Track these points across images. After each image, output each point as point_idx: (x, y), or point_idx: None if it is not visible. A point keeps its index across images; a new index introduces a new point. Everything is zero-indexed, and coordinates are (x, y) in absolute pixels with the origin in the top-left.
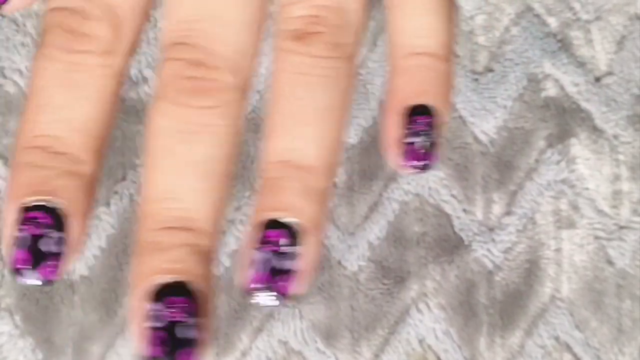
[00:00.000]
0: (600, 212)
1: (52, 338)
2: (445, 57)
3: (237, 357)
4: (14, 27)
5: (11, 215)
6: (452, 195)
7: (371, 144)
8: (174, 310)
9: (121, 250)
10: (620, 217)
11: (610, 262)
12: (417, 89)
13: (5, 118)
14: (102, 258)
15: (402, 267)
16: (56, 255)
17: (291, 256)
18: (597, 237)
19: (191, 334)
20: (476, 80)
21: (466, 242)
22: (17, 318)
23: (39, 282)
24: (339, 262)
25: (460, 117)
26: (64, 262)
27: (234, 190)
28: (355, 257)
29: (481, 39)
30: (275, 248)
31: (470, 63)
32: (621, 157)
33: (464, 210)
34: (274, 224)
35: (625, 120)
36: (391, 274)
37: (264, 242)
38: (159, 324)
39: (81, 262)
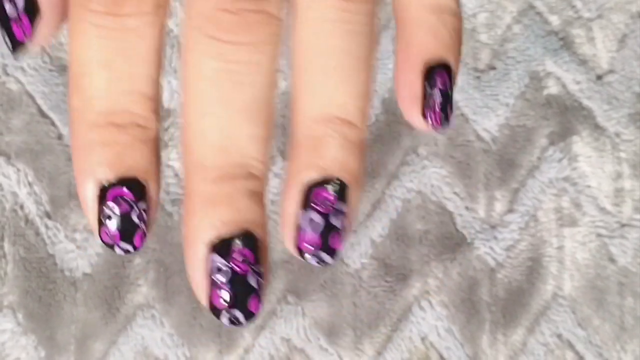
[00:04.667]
0: (602, 209)
1: (55, 335)
2: (460, 15)
3: (239, 355)
4: None
5: (91, 196)
6: (455, 193)
7: (374, 142)
8: (241, 262)
9: None
10: (622, 214)
11: (612, 260)
12: (439, 45)
13: (8, 115)
14: (104, 255)
15: (405, 264)
16: (144, 222)
17: (340, 213)
18: (599, 235)
19: (258, 282)
20: (478, 77)
21: (468, 240)
22: (20, 315)
23: (132, 251)
24: (342, 260)
25: (463, 114)
26: (150, 227)
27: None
28: (357, 255)
29: (483, 37)
30: (327, 207)
31: (473, 61)
32: (623, 154)
33: (467, 208)
34: (319, 182)
35: (626, 118)
36: (394, 271)
37: (315, 201)
38: (223, 276)
39: (84, 259)
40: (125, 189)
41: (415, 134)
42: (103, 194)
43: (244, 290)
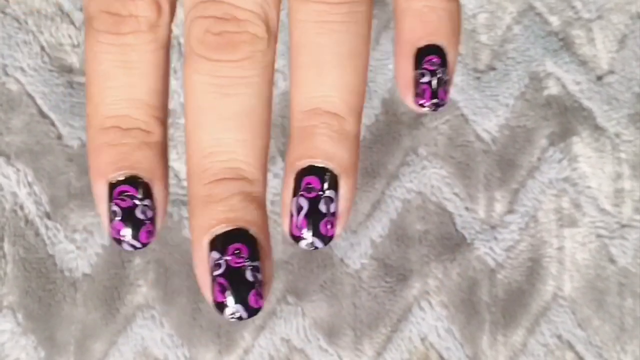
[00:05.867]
0: (602, 210)
1: (54, 336)
2: None
3: (239, 355)
4: (16, 25)
5: (102, 194)
6: (455, 194)
7: (373, 142)
8: (236, 257)
9: None
10: (622, 215)
11: (612, 261)
12: (426, 29)
13: (8, 115)
14: (104, 256)
15: (405, 265)
16: (149, 220)
17: (330, 200)
18: (599, 236)
19: (255, 276)
20: (478, 78)
21: (468, 240)
22: (20, 316)
23: (139, 247)
24: (342, 260)
25: (462, 115)
26: (156, 225)
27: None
28: (357, 255)
29: (483, 38)
30: (315, 194)
31: (473, 61)
32: (623, 155)
33: (466, 209)
34: (309, 171)
35: (626, 118)
36: (393, 271)
37: (304, 189)
38: (221, 271)
39: (83, 260)
40: (128, 186)
41: (415, 134)
42: (111, 192)
43: (242, 284)
